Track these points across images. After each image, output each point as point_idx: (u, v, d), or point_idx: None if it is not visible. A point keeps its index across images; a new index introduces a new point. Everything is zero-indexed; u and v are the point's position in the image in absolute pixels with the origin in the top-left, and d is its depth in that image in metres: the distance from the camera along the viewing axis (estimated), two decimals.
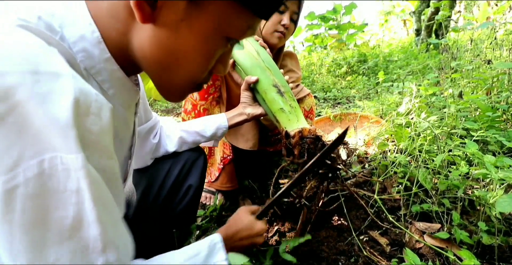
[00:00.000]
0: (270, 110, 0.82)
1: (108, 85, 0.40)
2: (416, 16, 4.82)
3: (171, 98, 0.46)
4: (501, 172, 0.74)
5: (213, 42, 0.38)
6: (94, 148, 0.30)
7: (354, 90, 3.33)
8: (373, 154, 1.45)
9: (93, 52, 0.37)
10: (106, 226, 0.30)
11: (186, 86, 0.43)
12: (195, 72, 0.41)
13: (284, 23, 1.01)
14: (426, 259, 0.80)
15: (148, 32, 0.36)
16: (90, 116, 0.29)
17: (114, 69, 0.40)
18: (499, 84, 1.48)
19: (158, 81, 0.43)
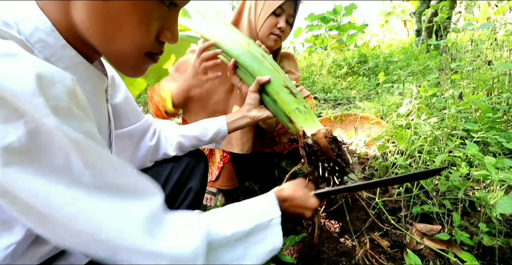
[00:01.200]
0: (282, 111, 0.79)
1: (71, 71, 0.42)
2: (416, 16, 4.82)
3: (128, 71, 0.47)
4: (502, 173, 0.74)
5: (143, 3, 0.39)
6: (68, 114, 0.33)
7: (355, 91, 3.33)
8: (374, 155, 1.45)
9: (49, 41, 0.39)
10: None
11: (135, 55, 0.44)
12: (137, 36, 0.41)
13: (280, 26, 1.01)
14: (427, 260, 0.80)
15: (84, 4, 0.38)
16: (56, 85, 0.32)
17: (72, 54, 0.42)
18: (500, 85, 1.48)
19: (108, 55, 0.44)
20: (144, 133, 0.75)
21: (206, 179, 0.85)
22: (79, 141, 0.33)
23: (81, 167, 0.34)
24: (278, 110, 0.80)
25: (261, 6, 1.01)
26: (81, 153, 0.33)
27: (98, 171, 0.35)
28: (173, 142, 0.78)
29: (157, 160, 0.79)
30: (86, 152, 0.34)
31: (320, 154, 0.69)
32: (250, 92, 0.82)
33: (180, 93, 0.97)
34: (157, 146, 0.77)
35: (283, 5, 0.99)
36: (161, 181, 0.76)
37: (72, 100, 0.33)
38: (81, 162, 0.33)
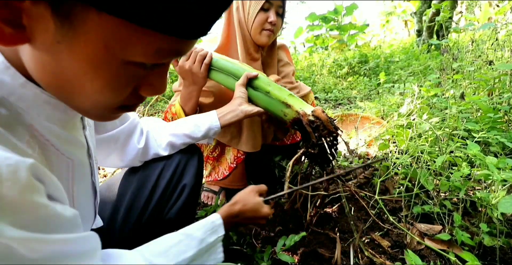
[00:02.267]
0: (277, 99, 0.81)
1: (36, 110, 0.36)
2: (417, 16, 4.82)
3: (93, 119, 0.42)
4: (503, 173, 0.74)
5: (110, 67, 0.32)
6: (17, 211, 0.28)
7: (355, 91, 3.33)
8: (374, 155, 1.45)
9: (4, 80, 0.33)
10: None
11: (98, 110, 0.38)
12: (98, 98, 0.35)
13: (271, 20, 0.99)
14: (428, 260, 0.80)
15: (30, 54, 0.31)
16: (4, 184, 0.27)
17: (37, 92, 0.35)
18: (501, 85, 1.48)
19: (66, 104, 0.38)
20: (129, 135, 0.71)
21: (201, 173, 0.82)
22: (23, 238, 0.29)
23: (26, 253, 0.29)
24: (272, 100, 0.82)
25: (248, 3, 1.00)
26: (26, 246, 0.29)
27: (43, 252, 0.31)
28: (163, 142, 0.75)
29: (147, 160, 0.76)
30: (32, 243, 0.29)
31: (322, 128, 0.76)
32: (239, 85, 0.83)
33: (187, 100, 0.94)
34: (147, 147, 0.74)
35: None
36: (153, 179, 0.73)
37: (27, 192, 0.29)
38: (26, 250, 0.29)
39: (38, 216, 0.30)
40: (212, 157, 1.17)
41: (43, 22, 0.27)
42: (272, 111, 0.83)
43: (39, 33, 0.28)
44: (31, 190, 0.29)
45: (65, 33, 0.28)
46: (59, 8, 0.26)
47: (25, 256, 0.29)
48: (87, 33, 0.28)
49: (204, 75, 0.88)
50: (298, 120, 0.78)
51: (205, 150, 1.16)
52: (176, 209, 0.74)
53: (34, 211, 0.30)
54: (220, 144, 1.14)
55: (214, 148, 1.16)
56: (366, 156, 1.50)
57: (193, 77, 0.89)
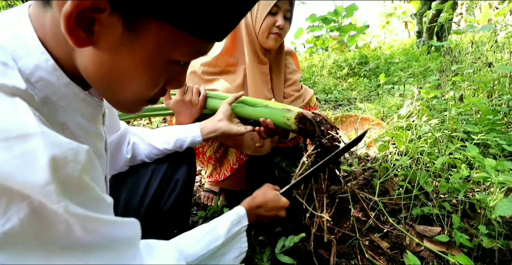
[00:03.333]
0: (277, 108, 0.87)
1: (73, 108, 0.41)
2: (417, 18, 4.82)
3: (124, 110, 0.47)
4: (502, 176, 0.74)
5: (157, 65, 0.38)
6: (78, 190, 0.32)
7: (355, 92, 3.33)
8: (374, 156, 1.45)
9: (51, 80, 0.37)
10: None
11: (134, 102, 0.44)
12: (141, 91, 0.41)
13: (279, 24, 0.98)
14: (427, 262, 0.81)
15: (90, 54, 0.36)
16: (69, 164, 0.31)
17: (76, 91, 0.41)
18: (500, 87, 1.48)
19: (106, 97, 0.44)
20: (120, 143, 0.74)
21: (194, 168, 0.84)
22: (84, 216, 0.32)
23: (81, 233, 0.33)
24: (273, 110, 0.88)
25: (256, 7, 0.99)
26: (83, 224, 0.33)
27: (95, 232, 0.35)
28: (149, 153, 0.78)
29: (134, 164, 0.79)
30: (89, 221, 0.33)
31: (324, 122, 0.82)
32: (224, 103, 0.88)
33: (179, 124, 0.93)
34: (133, 156, 0.78)
35: (278, 2, 0.96)
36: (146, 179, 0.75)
37: (84, 173, 0.32)
38: (82, 229, 0.33)
39: (91, 197, 0.34)
40: (214, 157, 1.17)
41: (113, 29, 0.33)
42: (274, 119, 0.86)
43: (106, 38, 0.33)
44: (87, 172, 0.33)
45: (128, 37, 0.34)
46: (129, 19, 0.32)
47: (80, 239, 0.33)
48: (147, 38, 0.35)
49: (201, 106, 0.92)
50: (302, 116, 0.83)
51: (208, 151, 1.16)
52: (170, 203, 0.76)
53: (89, 191, 0.34)
54: (224, 145, 1.14)
55: (218, 148, 1.16)
56: (366, 157, 1.50)
57: (191, 109, 0.90)
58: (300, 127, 0.83)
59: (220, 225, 0.61)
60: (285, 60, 1.18)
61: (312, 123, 0.82)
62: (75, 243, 0.32)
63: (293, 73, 1.20)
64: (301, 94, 1.19)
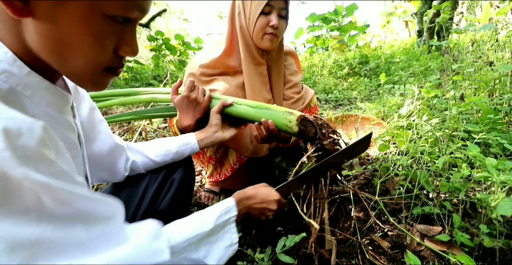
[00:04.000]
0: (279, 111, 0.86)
1: (38, 97, 0.43)
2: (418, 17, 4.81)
3: (88, 87, 0.47)
4: (503, 175, 0.74)
5: (95, 23, 0.39)
6: (36, 160, 0.33)
7: (356, 91, 3.33)
8: (375, 156, 1.45)
9: (13, 71, 0.40)
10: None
11: (92, 71, 0.44)
12: (91, 55, 0.42)
13: (273, 24, 0.95)
14: (427, 261, 0.80)
15: (33, 27, 0.38)
16: (23, 136, 0.32)
17: (38, 80, 0.43)
18: (501, 86, 1.48)
19: (65, 73, 0.44)
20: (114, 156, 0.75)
21: (191, 167, 0.88)
22: (48, 184, 0.33)
23: (53, 204, 0.34)
24: (275, 112, 0.87)
25: (249, 9, 0.96)
26: (51, 194, 0.34)
27: (68, 205, 0.36)
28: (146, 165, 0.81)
29: None
30: (56, 192, 0.34)
31: (326, 125, 0.83)
32: (214, 113, 0.89)
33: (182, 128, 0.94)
34: (132, 171, 0.80)
35: (271, 2, 0.93)
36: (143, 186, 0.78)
37: (41, 145, 0.34)
38: (52, 201, 0.34)
39: (55, 169, 0.35)
40: (215, 157, 1.17)
41: None
42: (276, 121, 0.86)
43: (40, 4, 0.36)
44: (45, 145, 0.34)
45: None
46: None
47: (53, 212, 0.34)
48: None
49: (206, 106, 0.91)
50: (304, 118, 0.83)
51: (208, 151, 1.16)
52: (166, 202, 0.79)
53: (50, 164, 0.35)
54: (224, 145, 1.14)
55: (218, 149, 1.16)
56: (366, 156, 1.50)
57: (195, 108, 0.90)
58: (302, 129, 0.82)
59: (209, 213, 0.62)
60: (285, 60, 1.16)
61: (313, 125, 0.82)
62: (48, 215, 0.33)
63: (293, 74, 1.18)
64: (301, 96, 1.17)
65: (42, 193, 0.33)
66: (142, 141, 1.94)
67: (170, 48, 5.56)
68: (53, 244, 0.34)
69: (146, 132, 1.98)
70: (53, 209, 0.34)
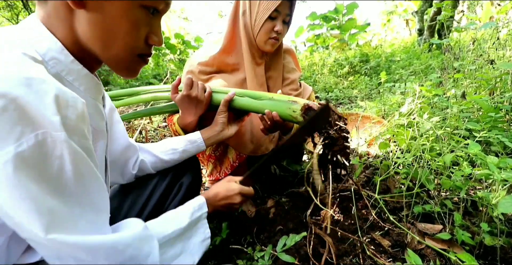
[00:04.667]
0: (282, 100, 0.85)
1: (78, 82, 0.50)
2: (418, 16, 4.80)
3: (123, 72, 0.54)
4: (504, 173, 0.73)
5: (133, 12, 0.48)
6: (74, 131, 0.40)
7: (356, 90, 3.32)
8: (375, 154, 1.45)
9: (60, 58, 0.47)
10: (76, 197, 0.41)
11: (128, 57, 0.51)
12: (129, 41, 0.50)
13: (277, 29, 0.97)
14: (428, 260, 0.80)
15: (85, 18, 0.46)
16: (69, 108, 0.39)
17: (79, 68, 0.49)
18: (502, 85, 1.47)
19: (106, 59, 0.51)
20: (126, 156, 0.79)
21: (198, 171, 0.89)
22: (77, 153, 0.40)
23: (71, 177, 0.40)
24: (278, 102, 0.86)
25: (256, 10, 0.97)
26: (75, 164, 0.40)
27: (84, 183, 0.42)
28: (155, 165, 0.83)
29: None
30: (79, 164, 0.40)
31: (332, 113, 0.80)
32: (221, 112, 0.90)
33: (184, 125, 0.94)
34: (141, 170, 0.82)
35: (279, 7, 0.95)
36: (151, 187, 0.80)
37: (80, 121, 0.41)
38: (72, 173, 0.40)
39: (85, 146, 0.42)
40: (214, 156, 1.17)
41: None
42: (279, 111, 0.85)
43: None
44: (83, 121, 0.42)
45: None
46: None
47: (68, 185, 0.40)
48: None
49: (207, 102, 0.90)
50: (308, 107, 0.82)
51: (208, 149, 1.16)
52: (175, 204, 0.79)
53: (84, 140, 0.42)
54: (223, 143, 1.14)
55: (217, 147, 1.16)
56: (367, 155, 1.50)
57: (196, 105, 0.89)
58: (305, 117, 0.81)
59: (183, 211, 0.64)
60: (283, 59, 1.16)
61: (316, 119, 0.79)
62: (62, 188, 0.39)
63: (291, 72, 1.18)
64: (299, 93, 1.17)
65: (70, 162, 0.39)
66: (142, 140, 1.94)
67: (170, 47, 5.55)
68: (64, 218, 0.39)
69: (146, 131, 1.97)
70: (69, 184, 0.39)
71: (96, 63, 0.54)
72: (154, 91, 1.04)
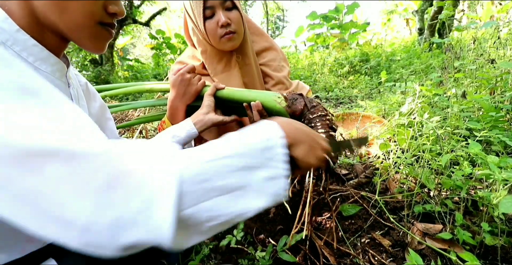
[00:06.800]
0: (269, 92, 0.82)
1: (26, 53, 0.48)
2: (419, 15, 4.80)
3: (87, 42, 0.52)
4: (505, 173, 0.73)
5: None
6: None
7: (356, 89, 3.32)
8: (375, 154, 1.45)
9: (3, 27, 0.45)
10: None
11: (88, 22, 0.49)
12: (83, 6, 0.48)
13: (221, 22, 0.87)
14: (429, 259, 0.80)
15: None
16: None
17: (26, 38, 0.47)
18: (503, 84, 1.47)
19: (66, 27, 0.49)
20: None
21: None
22: None
23: None
24: (262, 93, 0.83)
25: (195, 19, 0.92)
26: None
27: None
28: None
29: None
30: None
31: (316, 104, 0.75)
32: (207, 95, 0.85)
33: (174, 115, 0.91)
34: None
35: (207, 4, 0.87)
36: None
37: None
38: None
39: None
40: None
41: None
42: (265, 101, 0.81)
43: None
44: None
45: None
46: None
47: None
48: None
49: (197, 89, 0.88)
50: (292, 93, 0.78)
51: None
52: None
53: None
54: None
55: None
56: (367, 155, 1.50)
57: (187, 88, 0.87)
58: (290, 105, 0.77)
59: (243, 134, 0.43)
60: (263, 58, 1.07)
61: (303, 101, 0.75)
62: None
63: (277, 70, 1.07)
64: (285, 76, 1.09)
65: None
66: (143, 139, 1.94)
67: (170, 47, 5.55)
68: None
69: (146, 131, 1.98)
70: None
71: (60, 41, 0.52)
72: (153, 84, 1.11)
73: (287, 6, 6.16)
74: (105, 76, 4.51)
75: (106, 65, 4.75)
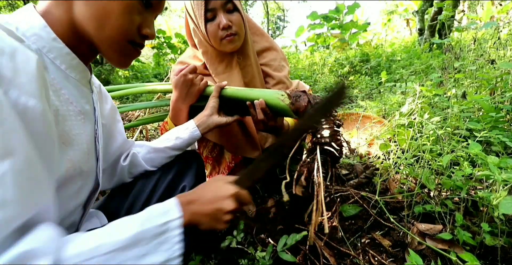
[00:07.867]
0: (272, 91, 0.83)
1: (59, 61, 0.50)
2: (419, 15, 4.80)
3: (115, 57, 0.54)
4: (505, 173, 0.73)
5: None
6: (9, 83, 0.37)
7: (357, 90, 3.32)
8: (376, 154, 1.45)
9: (41, 35, 0.47)
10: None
11: (120, 40, 0.52)
12: (122, 23, 0.51)
13: (222, 25, 0.88)
14: (429, 260, 0.80)
15: (83, 5, 0.48)
16: (4, 56, 0.37)
17: (61, 46, 0.49)
18: (503, 84, 1.47)
19: (100, 41, 0.52)
20: (121, 154, 0.78)
21: (203, 175, 0.84)
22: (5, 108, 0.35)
23: None
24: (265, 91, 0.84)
25: (196, 20, 0.92)
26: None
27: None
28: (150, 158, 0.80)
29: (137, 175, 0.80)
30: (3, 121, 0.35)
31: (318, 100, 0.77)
32: (212, 97, 0.86)
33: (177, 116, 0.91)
34: (134, 165, 0.78)
35: (209, 6, 0.87)
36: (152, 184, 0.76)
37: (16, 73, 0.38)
38: None
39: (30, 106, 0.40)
40: (211, 157, 1.17)
41: None
42: (268, 99, 0.81)
43: None
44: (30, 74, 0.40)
45: None
46: None
47: None
48: None
49: (200, 89, 0.88)
50: (296, 91, 0.78)
51: (204, 151, 1.16)
52: None
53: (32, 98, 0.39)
54: (218, 144, 1.14)
55: (213, 148, 1.15)
56: (367, 155, 1.50)
57: (189, 88, 0.87)
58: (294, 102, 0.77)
59: (137, 217, 0.46)
60: (263, 58, 1.08)
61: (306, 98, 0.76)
62: None
63: (277, 69, 1.08)
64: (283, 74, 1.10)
65: None
66: (143, 139, 1.94)
67: (171, 47, 5.55)
68: None
69: (146, 130, 1.98)
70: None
71: (90, 51, 0.54)
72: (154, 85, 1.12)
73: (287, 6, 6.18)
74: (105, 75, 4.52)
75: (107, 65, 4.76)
